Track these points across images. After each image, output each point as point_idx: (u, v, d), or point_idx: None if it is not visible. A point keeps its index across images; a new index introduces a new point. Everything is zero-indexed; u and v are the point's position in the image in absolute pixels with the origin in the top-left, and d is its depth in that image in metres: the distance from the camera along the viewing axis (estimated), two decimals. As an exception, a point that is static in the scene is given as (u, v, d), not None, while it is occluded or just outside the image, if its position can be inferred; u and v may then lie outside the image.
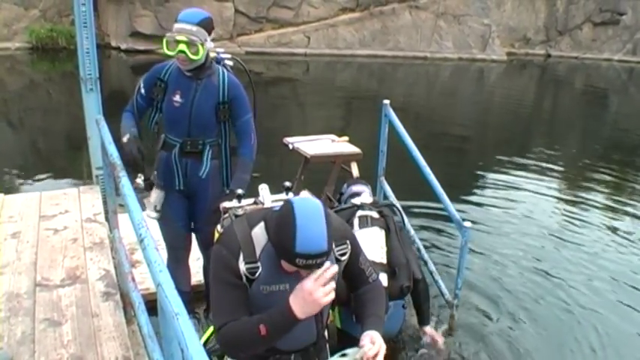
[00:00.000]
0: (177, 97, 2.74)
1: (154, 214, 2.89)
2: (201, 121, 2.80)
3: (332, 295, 1.61)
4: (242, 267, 1.69)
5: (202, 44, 2.63)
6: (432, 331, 3.21)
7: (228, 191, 2.85)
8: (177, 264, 3.08)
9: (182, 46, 2.59)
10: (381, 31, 19.26)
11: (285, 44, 18.19)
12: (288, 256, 1.57)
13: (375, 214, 3.00)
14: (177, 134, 2.82)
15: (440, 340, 3.19)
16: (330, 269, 1.62)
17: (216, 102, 2.79)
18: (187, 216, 3.01)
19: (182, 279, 3.06)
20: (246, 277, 1.70)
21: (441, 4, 19.64)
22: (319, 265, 1.59)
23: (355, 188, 3.37)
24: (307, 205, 1.59)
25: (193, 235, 3.12)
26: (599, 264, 4.70)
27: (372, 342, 1.73)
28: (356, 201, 3.08)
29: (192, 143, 2.83)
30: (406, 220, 3.42)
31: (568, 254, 4.83)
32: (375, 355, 1.70)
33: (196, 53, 2.63)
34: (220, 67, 2.86)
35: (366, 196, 3.16)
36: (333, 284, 1.63)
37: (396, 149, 3.93)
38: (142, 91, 2.80)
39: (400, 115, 3.83)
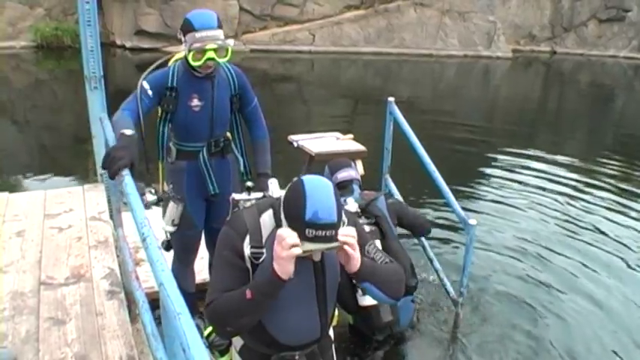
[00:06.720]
0: (195, 102, 2.60)
1: (171, 228, 2.78)
2: (222, 119, 2.73)
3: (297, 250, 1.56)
4: (247, 250, 1.72)
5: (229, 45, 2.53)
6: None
7: (259, 173, 2.79)
8: (185, 265, 3.01)
9: (210, 54, 2.46)
10: (386, 28, 19.21)
11: (289, 42, 18.17)
12: (298, 224, 1.56)
13: (367, 228, 2.86)
14: (199, 139, 2.71)
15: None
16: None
17: (230, 95, 2.72)
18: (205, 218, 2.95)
19: (188, 280, 3.02)
20: (251, 261, 1.72)
21: (446, 1, 19.57)
22: (327, 239, 1.57)
23: (340, 175, 3.23)
24: (317, 180, 1.63)
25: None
26: (606, 260, 4.67)
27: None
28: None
29: (215, 143, 2.76)
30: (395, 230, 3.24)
31: (575, 251, 4.80)
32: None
33: (225, 55, 2.54)
34: None
35: (351, 202, 2.94)
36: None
37: (400, 147, 3.91)
38: (150, 92, 2.54)
39: (405, 113, 3.81)
